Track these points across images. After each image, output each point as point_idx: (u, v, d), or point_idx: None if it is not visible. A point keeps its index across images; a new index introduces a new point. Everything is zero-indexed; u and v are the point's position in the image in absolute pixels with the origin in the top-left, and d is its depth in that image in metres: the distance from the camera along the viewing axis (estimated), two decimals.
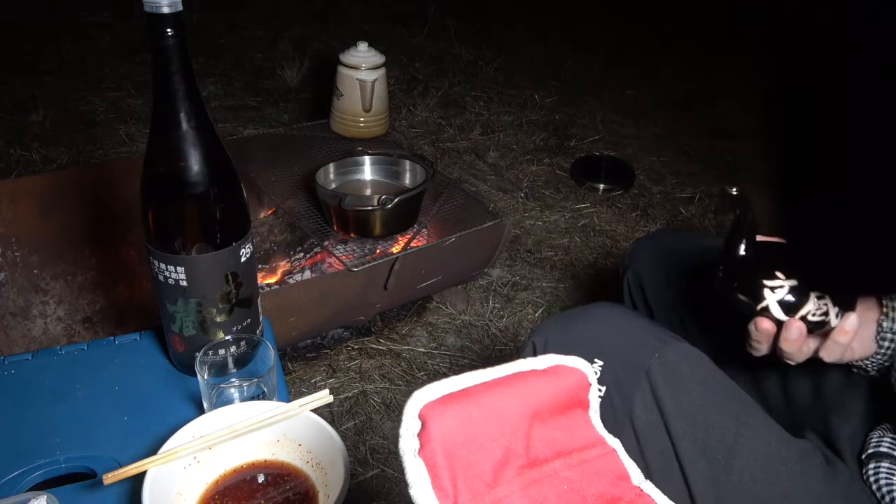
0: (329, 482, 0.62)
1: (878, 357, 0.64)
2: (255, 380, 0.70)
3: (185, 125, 0.66)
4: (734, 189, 0.61)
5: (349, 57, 1.65)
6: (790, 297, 0.58)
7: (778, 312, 0.59)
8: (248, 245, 0.73)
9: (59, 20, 2.53)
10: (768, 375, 0.76)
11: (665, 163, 2.10)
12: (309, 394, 0.67)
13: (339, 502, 0.58)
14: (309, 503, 0.63)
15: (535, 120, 2.32)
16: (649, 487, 0.45)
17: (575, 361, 0.47)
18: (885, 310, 0.63)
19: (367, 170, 1.53)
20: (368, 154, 1.53)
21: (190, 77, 0.65)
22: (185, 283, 0.69)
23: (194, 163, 0.67)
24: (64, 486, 0.64)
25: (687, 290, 0.83)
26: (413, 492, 0.39)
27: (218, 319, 0.72)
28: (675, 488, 0.62)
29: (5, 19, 2.46)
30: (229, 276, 0.71)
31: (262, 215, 1.53)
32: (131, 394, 0.75)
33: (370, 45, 1.66)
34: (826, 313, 0.59)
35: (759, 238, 0.62)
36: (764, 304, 0.59)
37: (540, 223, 1.80)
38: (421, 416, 0.41)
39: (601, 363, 0.65)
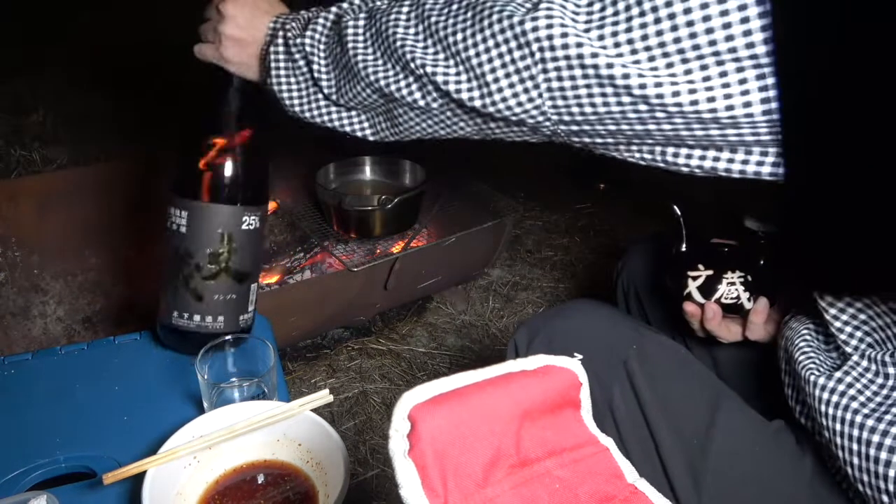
0: (329, 482, 0.62)
1: None
2: (255, 380, 0.70)
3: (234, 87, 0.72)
4: (675, 206, 0.76)
5: None
6: (706, 284, 0.71)
7: (697, 296, 0.72)
8: (255, 217, 0.75)
9: (59, 20, 2.53)
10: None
11: None
12: (309, 394, 0.67)
13: (339, 502, 0.58)
14: (309, 503, 0.63)
15: None
16: (643, 485, 0.45)
17: (565, 361, 0.48)
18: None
19: (367, 170, 1.53)
20: (368, 154, 1.53)
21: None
22: (184, 230, 0.71)
23: (225, 114, 0.71)
24: (64, 486, 0.64)
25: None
26: (403, 492, 0.39)
27: (203, 279, 0.73)
28: (655, 476, 0.62)
29: (6, 19, 2.46)
30: (225, 237, 0.73)
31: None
32: (131, 394, 0.75)
33: None
34: (738, 297, 0.70)
35: (715, 241, 0.76)
36: (687, 290, 0.72)
37: (540, 223, 1.80)
38: (410, 417, 0.41)
39: (580, 356, 0.66)
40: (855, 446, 0.53)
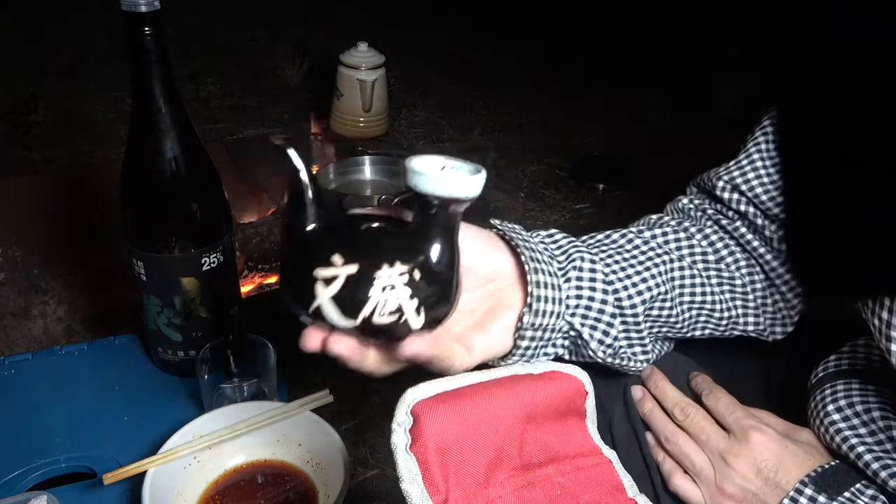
0: (329, 482, 0.62)
1: (515, 358, 0.50)
2: (255, 380, 0.70)
3: (157, 126, 0.66)
4: (279, 140, 0.45)
5: (349, 57, 1.65)
6: (348, 290, 0.41)
7: (333, 314, 0.42)
8: (216, 254, 0.72)
9: (59, 20, 2.53)
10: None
11: (667, 162, 2.10)
12: (309, 394, 0.67)
13: (339, 502, 0.58)
14: (309, 503, 0.63)
15: (536, 120, 2.32)
16: (644, 501, 0.45)
17: (571, 369, 0.47)
18: (529, 300, 0.49)
19: (367, 170, 1.53)
20: (368, 154, 1.53)
21: (167, 76, 0.65)
22: (144, 279, 0.71)
23: (157, 162, 0.67)
24: (64, 486, 0.64)
25: None
26: (405, 486, 0.39)
27: (175, 321, 0.73)
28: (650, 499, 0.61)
29: (5, 19, 2.46)
30: (185, 282, 0.71)
31: (261, 215, 1.53)
32: (131, 394, 0.75)
33: (370, 45, 1.67)
34: (399, 309, 0.42)
35: (356, 211, 0.47)
36: (315, 303, 0.42)
37: (540, 223, 1.80)
38: (414, 413, 0.41)
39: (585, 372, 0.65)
40: None
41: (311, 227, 0.43)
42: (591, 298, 0.51)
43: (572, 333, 0.52)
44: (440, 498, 0.38)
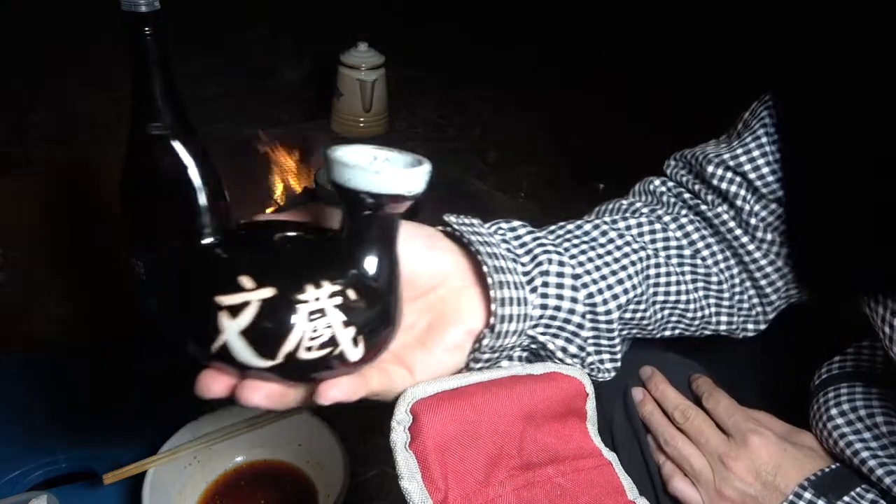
0: (329, 482, 0.62)
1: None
2: None
3: (157, 126, 0.65)
4: (154, 125, 0.37)
5: (349, 57, 1.65)
6: (263, 320, 0.32)
7: (242, 352, 0.32)
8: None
9: (59, 20, 2.53)
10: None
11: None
12: None
13: (339, 502, 0.58)
14: (309, 503, 0.63)
15: (536, 120, 2.32)
16: (644, 503, 0.45)
17: (572, 370, 0.47)
18: (492, 321, 0.43)
19: None
20: None
21: (167, 76, 0.65)
22: (145, 279, 0.71)
23: (157, 162, 0.67)
24: (64, 486, 0.64)
25: None
26: (404, 483, 0.39)
27: None
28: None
29: (5, 19, 2.46)
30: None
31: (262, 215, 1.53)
32: (132, 394, 0.75)
33: (370, 45, 1.67)
34: (332, 340, 0.33)
35: (267, 217, 0.39)
36: (219, 338, 0.32)
37: (540, 223, 1.80)
38: (413, 411, 0.41)
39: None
40: None
41: (207, 240, 0.35)
42: (557, 308, 0.47)
43: (533, 346, 0.48)
44: (439, 496, 0.38)
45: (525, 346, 0.48)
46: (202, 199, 0.35)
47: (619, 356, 0.52)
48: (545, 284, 0.47)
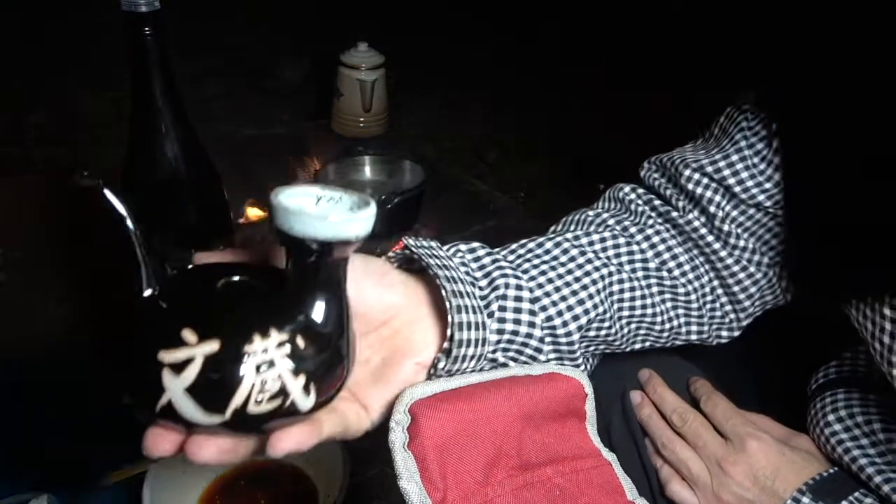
0: (329, 482, 0.62)
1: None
2: None
3: (157, 126, 0.65)
4: (83, 176, 0.34)
5: (349, 57, 1.65)
6: (208, 375, 0.31)
7: (187, 409, 0.31)
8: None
9: (59, 20, 2.53)
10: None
11: None
12: None
13: (339, 502, 0.58)
14: (309, 503, 0.63)
15: (536, 120, 2.32)
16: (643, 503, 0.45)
17: (571, 371, 0.47)
18: (447, 345, 0.43)
19: (367, 170, 1.53)
20: (368, 154, 1.53)
21: (167, 76, 0.65)
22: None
23: (157, 162, 0.67)
24: (64, 486, 0.64)
25: None
26: (402, 483, 0.39)
27: None
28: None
29: (5, 19, 2.46)
30: None
31: (262, 216, 1.53)
32: None
33: (370, 45, 1.67)
34: (283, 390, 0.32)
35: (205, 261, 0.38)
36: (164, 397, 0.31)
37: (540, 223, 1.80)
38: (412, 412, 0.41)
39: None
40: None
41: (146, 292, 0.34)
42: (514, 332, 0.47)
43: (489, 367, 0.48)
44: (438, 496, 0.39)
45: (483, 367, 0.47)
46: (138, 250, 0.34)
47: (582, 369, 0.51)
48: (502, 309, 0.47)
